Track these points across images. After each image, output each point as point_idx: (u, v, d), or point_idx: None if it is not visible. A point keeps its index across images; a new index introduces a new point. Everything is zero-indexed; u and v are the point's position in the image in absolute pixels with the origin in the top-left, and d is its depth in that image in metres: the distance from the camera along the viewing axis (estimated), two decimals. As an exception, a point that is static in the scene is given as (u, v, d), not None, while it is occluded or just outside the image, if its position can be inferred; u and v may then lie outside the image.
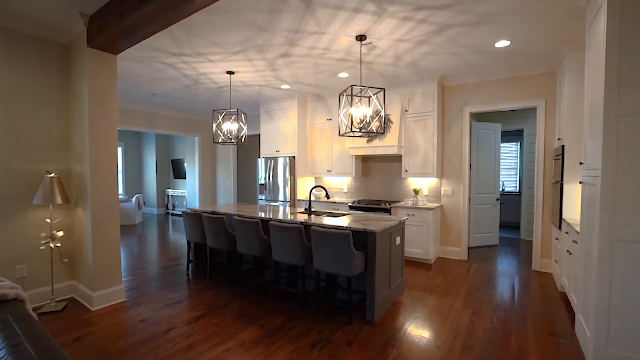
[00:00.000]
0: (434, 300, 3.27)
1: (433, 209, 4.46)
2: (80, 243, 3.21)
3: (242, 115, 5.42)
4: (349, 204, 5.09)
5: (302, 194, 5.98)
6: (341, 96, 3.31)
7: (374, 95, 3.29)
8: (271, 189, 6.04)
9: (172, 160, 10.12)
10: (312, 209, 4.15)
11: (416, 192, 4.79)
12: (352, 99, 3.12)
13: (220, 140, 4.48)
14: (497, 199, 5.63)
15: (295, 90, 5.42)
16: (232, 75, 4.50)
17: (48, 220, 3.13)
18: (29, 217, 3.04)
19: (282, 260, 3.09)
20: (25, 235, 3.02)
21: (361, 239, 3.06)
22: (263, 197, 6.24)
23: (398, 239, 3.28)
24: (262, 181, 6.19)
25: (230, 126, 4.45)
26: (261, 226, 3.30)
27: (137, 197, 7.96)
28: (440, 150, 4.82)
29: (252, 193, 8.95)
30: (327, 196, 3.58)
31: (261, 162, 6.15)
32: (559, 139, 3.80)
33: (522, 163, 7.67)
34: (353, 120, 3.23)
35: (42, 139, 3.10)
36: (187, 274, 4.12)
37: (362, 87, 3.16)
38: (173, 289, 3.57)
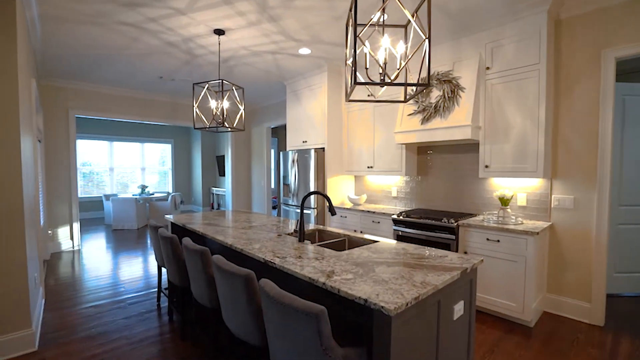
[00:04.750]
0: None
1: (537, 232, 2.52)
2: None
3: (236, 90, 4.14)
4: (393, 215, 3.42)
5: (336, 198, 4.49)
6: (349, 27, 1.76)
7: (412, 17, 1.65)
8: (297, 192, 4.69)
9: (217, 156, 9.59)
10: (319, 228, 2.65)
11: (504, 201, 2.88)
12: (355, 23, 1.56)
13: (209, 125, 3.30)
14: (661, 215, 3.28)
15: (322, 57, 3.95)
16: (221, 35, 3.27)
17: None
18: None
19: (230, 327, 1.70)
20: None
21: (365, 315, 1.48)
22: (292, 202, 4.94)
23: (460, 308, 1.58)
24: (288, 181, 4.89)
25: (220, 104, 3.23)
26: (208, 261, 1.96)
27: (172, 196, 7.48)
28: (550, 130, 2.82)
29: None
30: (332, 211, 2.06)
31: (290, 156, 4.86)
32: None
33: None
34: (368, 65, 1.65)
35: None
36: (158, 305, 3.07)
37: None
38: (113, 335, 2.49)
